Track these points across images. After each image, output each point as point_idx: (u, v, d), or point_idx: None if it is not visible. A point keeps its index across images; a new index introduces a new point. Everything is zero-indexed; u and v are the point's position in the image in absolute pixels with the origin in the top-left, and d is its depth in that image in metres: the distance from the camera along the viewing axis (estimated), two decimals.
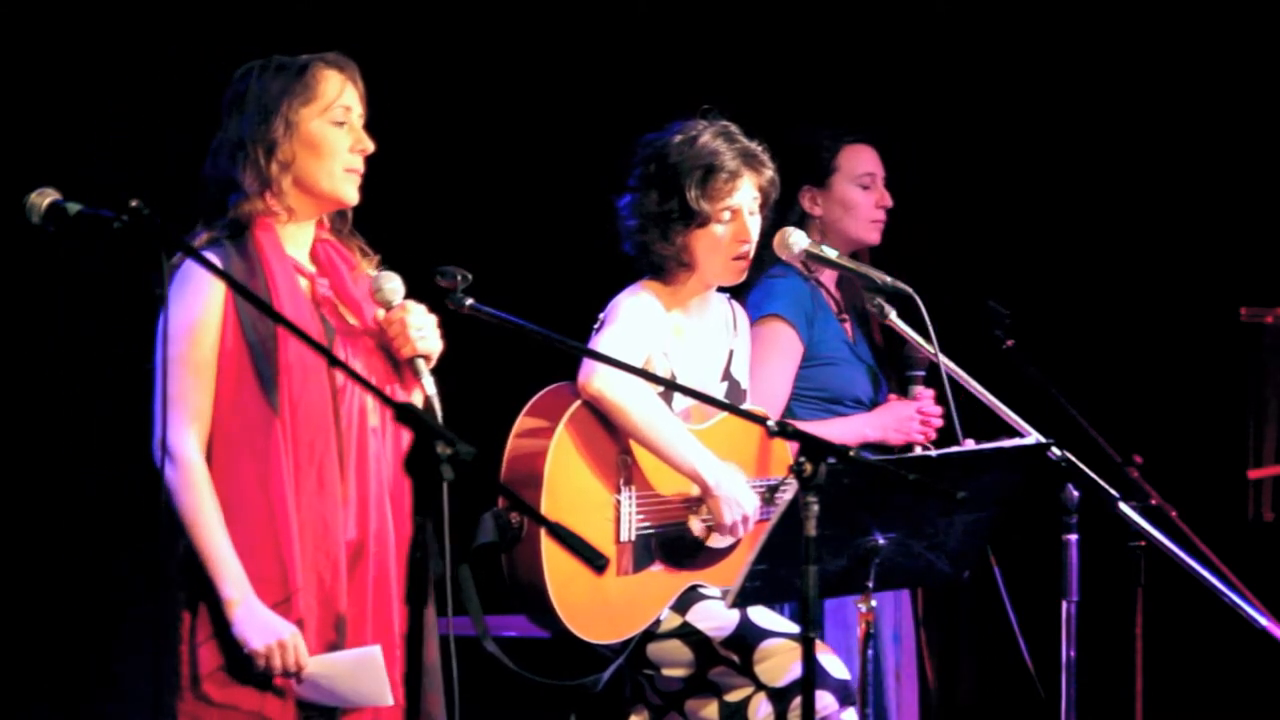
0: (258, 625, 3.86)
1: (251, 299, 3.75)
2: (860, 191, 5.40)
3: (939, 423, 5.23)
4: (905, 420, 5.25)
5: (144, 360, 3.97)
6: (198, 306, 3.92)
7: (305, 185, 4.04)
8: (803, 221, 5.34)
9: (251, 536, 3.89)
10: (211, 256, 3.90)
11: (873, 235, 5.42)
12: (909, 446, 5.23)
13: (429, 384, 4.03)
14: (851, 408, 5.31)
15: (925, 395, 5.24)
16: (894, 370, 5.38)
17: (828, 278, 5.40)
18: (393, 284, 4.08)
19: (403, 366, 4.08)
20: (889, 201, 5.42)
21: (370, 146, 4.08)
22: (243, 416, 3.91)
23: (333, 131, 4.05)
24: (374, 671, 3.92)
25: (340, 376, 3.98)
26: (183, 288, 3.93)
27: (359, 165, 4.08)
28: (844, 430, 5.20)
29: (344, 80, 4.08)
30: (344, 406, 3.98)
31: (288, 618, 3.89)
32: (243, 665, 3.89)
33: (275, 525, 3.88)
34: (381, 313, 4.09)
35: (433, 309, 4.11)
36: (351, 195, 4.09)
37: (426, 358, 4.06)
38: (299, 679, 3.90)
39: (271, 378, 3.91)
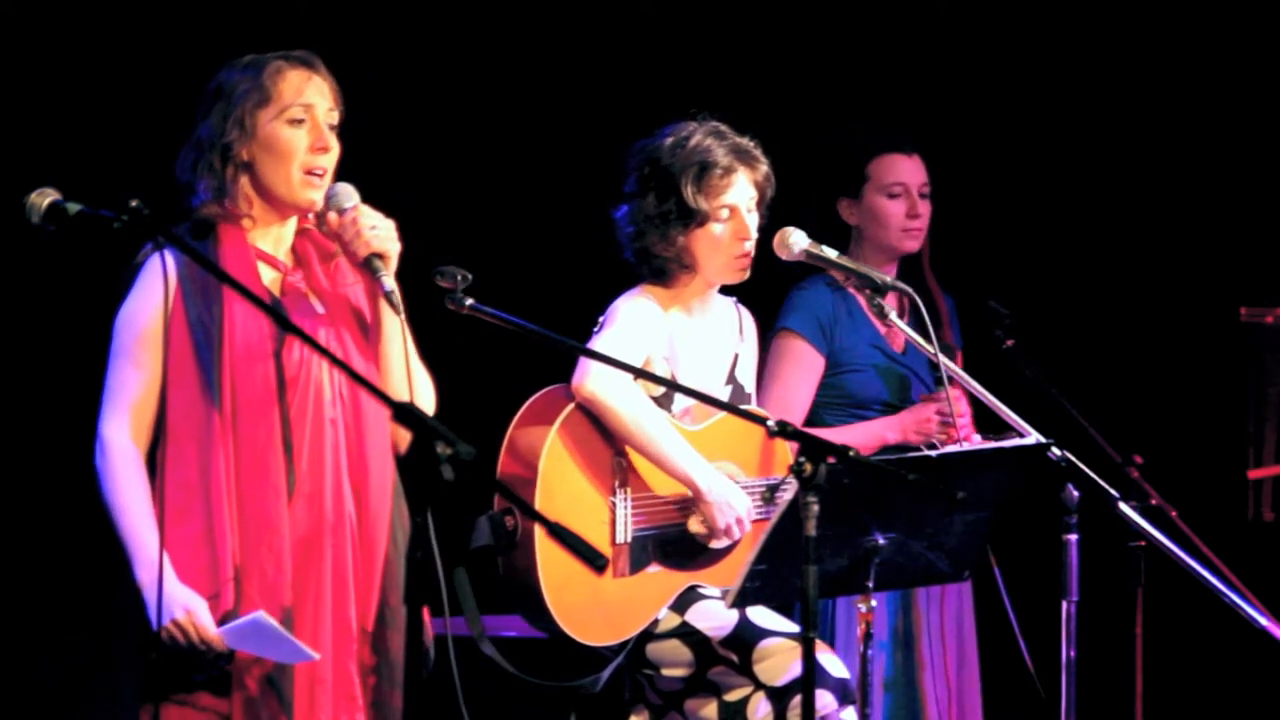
0: (160, 608, 3.79)
1: (210, 266, 3.73)
2: (889, 201, 5.41)
3: (964, 421, 5.21)
4: (924, 421, 5.25)
5: None
6: (143, 300, 3.90)
7: (263, 189, 3.97)
8: (845, 232, 5.40)
9: (188, 528, 3.86)
10: (167, 253, 3.85)
11: (907, 244, 5.42)
12: (932, 446, 5.22)
13: (389, 283, 3.93)
14: (879, 412, 5.31)
15: (947, 395, 5.20)
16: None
17: None
18: (346, 190, 3.99)
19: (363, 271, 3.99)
20: (920, 210, 5.41)
21: (330, 145, 3.97)
22: (186, 409, 3.88)
23: (289, 132, 3.95)
24: (272, 633, 3.81)
25: (291, 369, 3.93)
26: (132, 283, 3.92)
27: (320, 165, 3.97)
28: (865, 434, 5.22)
29: (306, 78, 3.97)
30: (294, 399, 3.92)
31: (216, 609, 3.84)
32: (193, 664, 3.85)
33: (211, 517, 3.85)
34: (334, 216, 3.99)
35: (433, 309, 4.09)
36: (309, 199, 3.98)
37: (383, 257, 3.96)
38: (218, 649, 3.82)
39: (214, 371, 3.87)
